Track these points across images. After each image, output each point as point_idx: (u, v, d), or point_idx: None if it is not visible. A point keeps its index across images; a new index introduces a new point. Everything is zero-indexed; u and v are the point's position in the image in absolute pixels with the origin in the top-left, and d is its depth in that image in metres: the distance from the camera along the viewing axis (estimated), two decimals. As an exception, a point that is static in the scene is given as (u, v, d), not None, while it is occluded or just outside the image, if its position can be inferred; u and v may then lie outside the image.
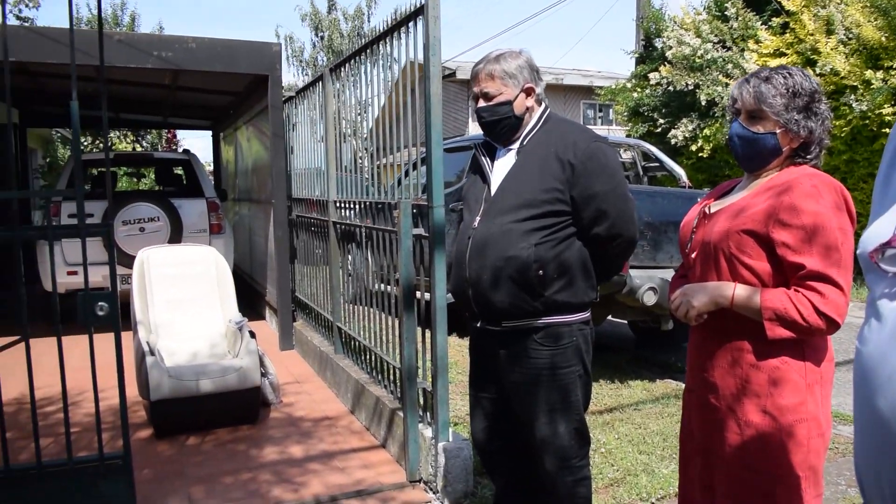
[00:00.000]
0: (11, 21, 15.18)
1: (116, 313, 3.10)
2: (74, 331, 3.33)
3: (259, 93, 7.69)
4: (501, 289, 2.61)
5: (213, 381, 4.52)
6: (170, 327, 5.02)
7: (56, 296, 2.98)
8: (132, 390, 4.50)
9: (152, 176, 20.95)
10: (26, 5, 14.15)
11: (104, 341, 3.10)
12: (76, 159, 3.16)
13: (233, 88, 8.61)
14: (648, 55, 14.70)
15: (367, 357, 4.88)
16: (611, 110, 21.25)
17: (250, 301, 8.63)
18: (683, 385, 2.49)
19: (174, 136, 24.84)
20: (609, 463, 4.08)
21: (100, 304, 3.06)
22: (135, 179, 21.89)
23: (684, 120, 12.87)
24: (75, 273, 7.19)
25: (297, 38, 35.94)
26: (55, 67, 6.81)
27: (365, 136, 5.40)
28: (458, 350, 6.24)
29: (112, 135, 20.07)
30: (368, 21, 28.94)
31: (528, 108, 2.74)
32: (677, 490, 2.56)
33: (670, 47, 12.88)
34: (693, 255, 2.31)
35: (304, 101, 6.84)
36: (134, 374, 4.84)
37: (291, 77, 29.00)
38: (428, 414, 3.86)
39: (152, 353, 4.57)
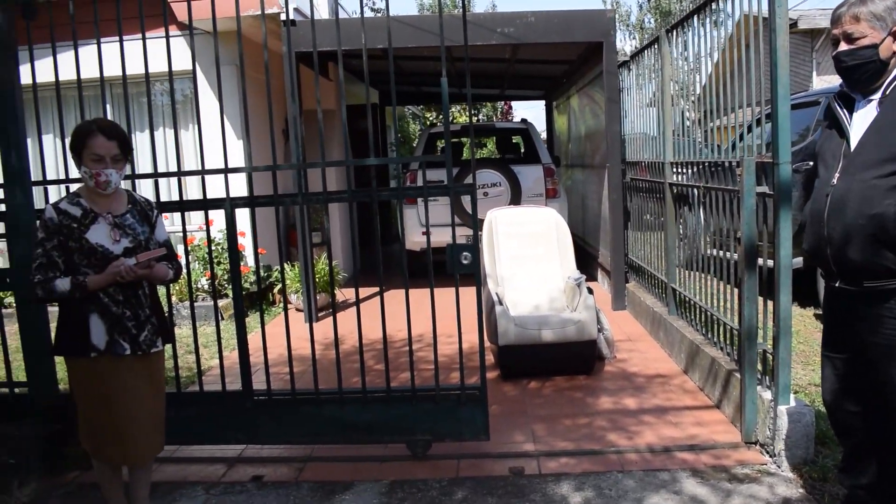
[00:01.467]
0: (367, 14, 17.12)
1: (478, 262, 3.54)
2: (437, 284, 3.86)
3: (592, 60, 7.89)
4: (863, 248, 2.50)
5: (553, 331, 4.88)
6: (514, 281, 5.49)
7: (404, 254, 3.50)
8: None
9: (491, 146, 22.41)
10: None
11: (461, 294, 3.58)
12: (446, 129, 3.63)
13: (567, 57, 8.93)
14: None
15: (703, 318, 4.88)
16: None
17: (582, 263, 8.93)
18: None
19: (510, 107, 26.12)
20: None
21: (464, 253, 3.52)
22: (476, 149, 23.56)
23: None
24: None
25: (623, 2, 35.55)
26: (410, 50, 7.62)
27: (698, 95, 5.34)
28: (798, 319, 5.93)
29: (453, 109, 21.77)
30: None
31: (894, 53, 2.56)
32: None
33: None
34: None
35: (637, 65, 6.90)
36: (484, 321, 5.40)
37: (618, 42, 28.77)
38: (767, 377, 3.80)
39: (500, 303, 5.06)
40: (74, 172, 3.21)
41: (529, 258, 5.60)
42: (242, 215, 4.57)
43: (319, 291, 7.35)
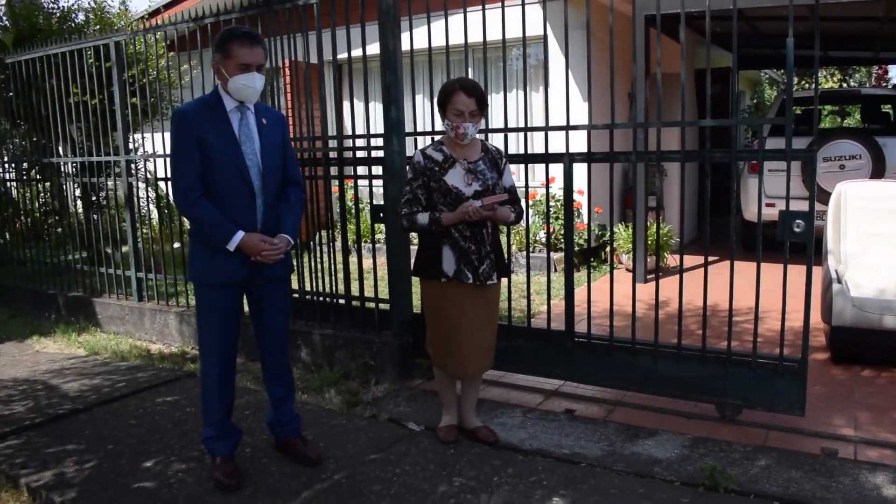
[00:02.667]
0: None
1: (811, 231, 3.43)
2: (769, 259, 3.80)
3: None
4: None
5: (897, 317, 4.48)
6: (860, 259, 5.09)
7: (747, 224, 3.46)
8: (814, 315, 4.78)
9: (857, 115, 20.09)
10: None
11: (792, 272, 3.50)
12: (788, 93, 3.54)
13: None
14: None
15: None
16: None
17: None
18: None
19: (885, 71, 23.06)
20: None
21: (797, 221, 3.43)
22: (839, 118, 21.32)
23: None
24: (772, 205, 7.69)
25: None
26: (766, 10, 7.19)
27: None
28: None
29: (819, 73, 19.85)
30: None
31: None
32: None
33: None
34: None
35: None
36: (818, 299, 5.10)
37: None
38: None
39: (839, 282, 4.75)
40: (438, 125, 3.75)
41: (883, 236, 5.13)
42: (581, 176, 4.87)
43: (650, 254, 7.46)
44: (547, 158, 4.19)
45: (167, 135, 5.70)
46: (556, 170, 4.31)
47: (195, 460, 3.63)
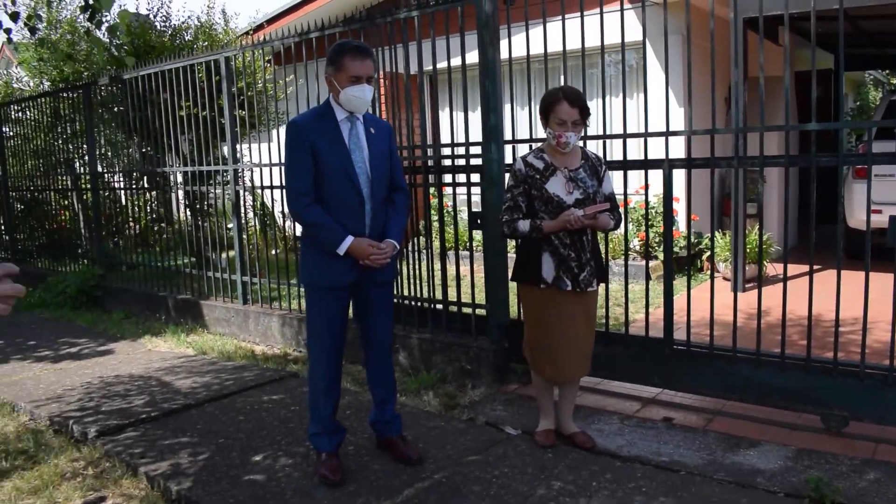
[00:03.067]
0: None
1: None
2: (875, 268, 3.69)
3: None
4: None
5: None
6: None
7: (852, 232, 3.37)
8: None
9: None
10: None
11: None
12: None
13: None
14: None
15: None
16: None
17: None
18: None
19: None
20: None
21: (909, 227, 3.33)
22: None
23: None
24: (879, 211, 7.39)
25: None
26: (871, 9, 6.90)
27: None
28: None
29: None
30: None
31: None
32: None
33: None
34: None
35: None
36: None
37: None
38: None
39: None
40: (537, 132, 3.80)
41: None
42: (678, 182, 4.83)
43: (749, 263, 7.30)
44: (646, 165, 4.18)
45: (272, 144, 6.00)
46: (651, 176, 4.29)
47: (301, 456, 3.79)
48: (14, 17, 4.46)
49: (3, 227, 10.44)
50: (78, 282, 8.13)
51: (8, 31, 3.85)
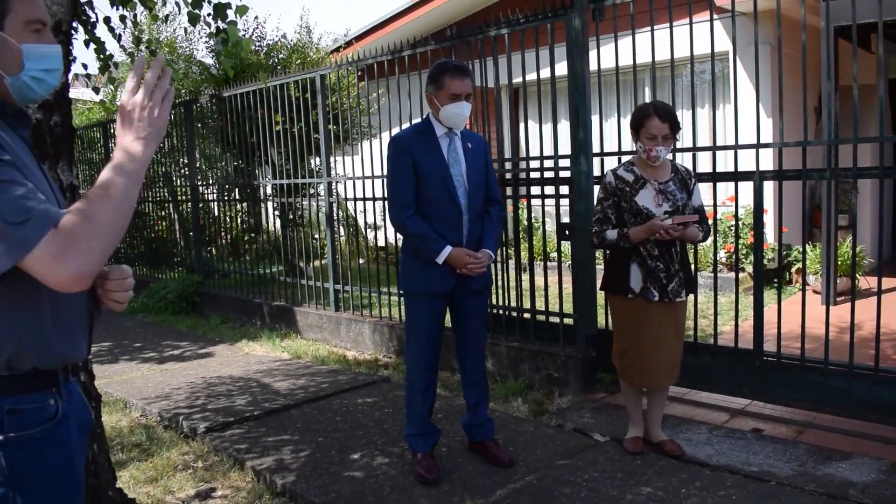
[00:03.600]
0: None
1: None
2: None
3: None
4: None
5: None
6: None
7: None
8: None
9: None
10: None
11: None
12: None
13: None
14: None
15: None
16: None
17: None
18: None
19: None
20: None
21: None
22: None
23: None
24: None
25: None
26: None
27: None
28: None
29: None
30: None
31: None
32: None
33: None
34: None
35: None
36: None
37: None
38: None
39: None
40: (626, 145, 3.89)
41: None
42: (767, 194, 4.83)
43: (840, 275, 7.15)
44: (736, 177, 4.21)
45: (362, 158, 6.25)
46: (741, 189, 4.31)
47: (396, 455, 3.96)
48: (118, 37, 4.74)
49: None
50: (178, 288, 8.60)
51: (85, 65, 4.20)
